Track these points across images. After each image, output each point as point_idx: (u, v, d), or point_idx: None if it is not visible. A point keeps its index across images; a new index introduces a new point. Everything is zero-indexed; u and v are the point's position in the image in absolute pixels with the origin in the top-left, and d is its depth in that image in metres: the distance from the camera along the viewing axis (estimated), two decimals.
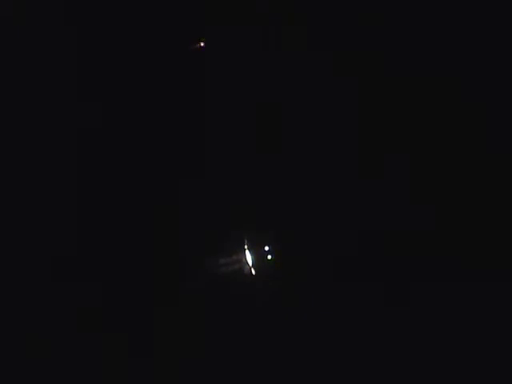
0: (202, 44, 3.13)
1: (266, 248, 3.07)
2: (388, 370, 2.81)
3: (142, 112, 3.10)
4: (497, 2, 2.97)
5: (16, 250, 2.94)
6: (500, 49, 2.98)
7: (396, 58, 3.04)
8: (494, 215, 2.93)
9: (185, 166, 3.10)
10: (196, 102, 3.13)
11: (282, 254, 3.07)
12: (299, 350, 2.89)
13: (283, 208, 3.06)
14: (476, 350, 2.76)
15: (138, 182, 3.08)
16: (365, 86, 3.06)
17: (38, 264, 2.94)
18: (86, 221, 3.02)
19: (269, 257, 3.07)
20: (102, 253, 3.00)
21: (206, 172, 3.10)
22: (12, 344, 2.85)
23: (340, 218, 3.03)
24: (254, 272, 3.06)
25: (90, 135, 3.05)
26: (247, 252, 3.07)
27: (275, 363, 2.89)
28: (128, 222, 3.04)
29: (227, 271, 3.05)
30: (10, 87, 3.00)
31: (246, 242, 3.08)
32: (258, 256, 3.07)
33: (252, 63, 3.11)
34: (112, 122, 3.09)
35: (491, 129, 2.96)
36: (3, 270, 2.91)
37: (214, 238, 3.07)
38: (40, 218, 2.97)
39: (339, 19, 3.07)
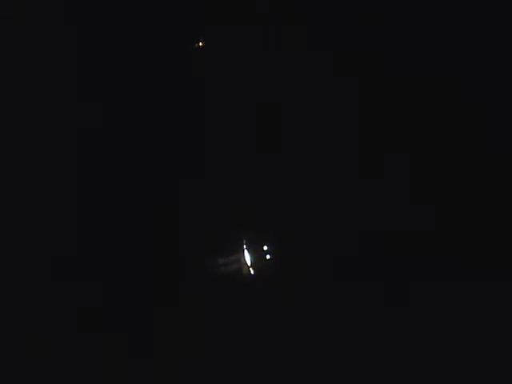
0: (201, 44, 3.13)
1: (265, 248, 3.07)
2: (388, 369, 2.81)
3: (141, 112, 3.11)
4: (497, 1, 2.97)
5: (16, 250, 2.94)
6: (500, 49, 2.97)
7: (396, 57, 3.03)
8: (494, 215, 2.93)
9: (185, 165, 3.10)
10: (196, 102, 3.13)
11: (281, 254, 3.07)
12: (299, 349, 2.89)
13: (283, 208, 3.06)
14: (476, 350, 2.76)
15: (138, 182, 3.08)
16: (365, 86, 3.05)
17: (38, 264, 2.94)
18: (86, 221, 3.02)
19: (268, 256, 3.07)
20: (101, 253, 3.00)
21: (206, 172, 3.10)
22: (12, 344, 2.85)
23: (340, 218, 3.03)
24: (252, 272, 3.06)
25: (90, 135, 3.06)
26: (246, 252, 3.07)
27: (275, 363, 2.88)
28: (128, 222, 3.04)
29: (226, 271, 3.05)
30: (10, 87, 3.00)
31: (244, 241, 3.08)
32: (257, 256, 3.07)
33: (252, 63, 3.10)
34: (112, 121, 3.09)
35: (491, 129, 2.96)
36: (3, 269, 2.91)
37: (213, 238, 3.08)
38: (40, 217, 2.98)
39: (339, 19, 3.07)
